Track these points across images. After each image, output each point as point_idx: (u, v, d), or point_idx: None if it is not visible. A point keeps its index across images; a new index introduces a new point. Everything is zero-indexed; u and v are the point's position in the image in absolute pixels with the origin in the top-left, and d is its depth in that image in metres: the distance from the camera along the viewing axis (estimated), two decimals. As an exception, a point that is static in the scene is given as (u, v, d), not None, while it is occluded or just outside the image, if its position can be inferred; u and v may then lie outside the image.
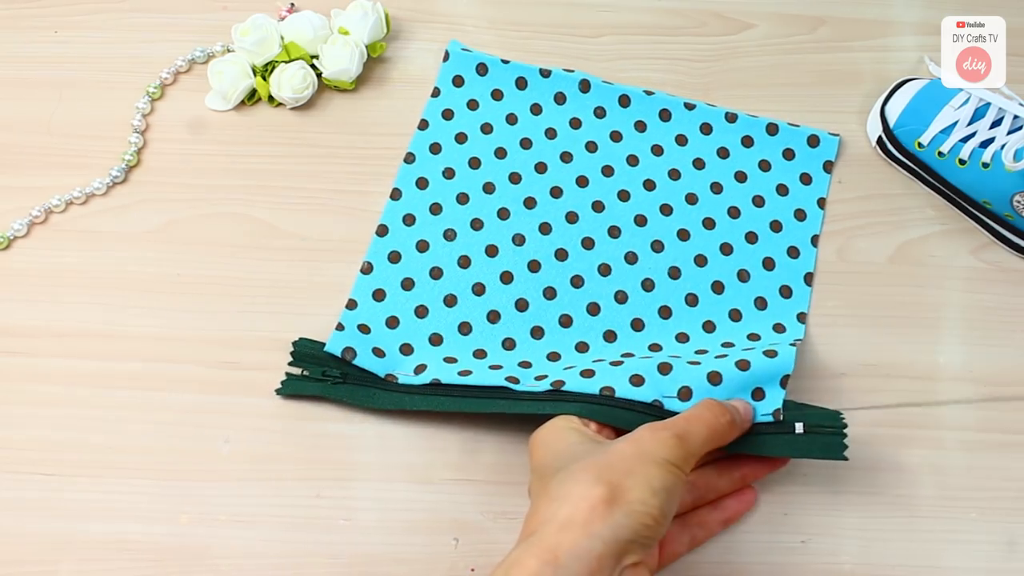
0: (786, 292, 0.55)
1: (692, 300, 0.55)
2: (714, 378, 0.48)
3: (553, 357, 0.53)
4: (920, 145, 0.57)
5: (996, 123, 0.55)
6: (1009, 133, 0.54)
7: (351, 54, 0.60)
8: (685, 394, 0.48)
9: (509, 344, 0.53)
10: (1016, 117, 0.55)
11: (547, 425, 0.45)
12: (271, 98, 0.60)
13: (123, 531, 0.48)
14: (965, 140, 0.56)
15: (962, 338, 0.55)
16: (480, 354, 0.52)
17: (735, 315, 0.54)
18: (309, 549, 0.48)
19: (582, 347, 0.53)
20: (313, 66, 0.61)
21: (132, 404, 0.51)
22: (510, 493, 0.49)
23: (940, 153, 0.57)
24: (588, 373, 0.49)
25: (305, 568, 0.48)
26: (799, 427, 0.47)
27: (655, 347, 0.53)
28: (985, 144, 0.55)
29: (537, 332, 0.53)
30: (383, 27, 0.62)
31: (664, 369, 0.49)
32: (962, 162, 0.56)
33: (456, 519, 0.49)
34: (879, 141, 0.60)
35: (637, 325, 0.54)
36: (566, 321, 0.54)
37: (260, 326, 0.53)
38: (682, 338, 0.54)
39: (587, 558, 0.36)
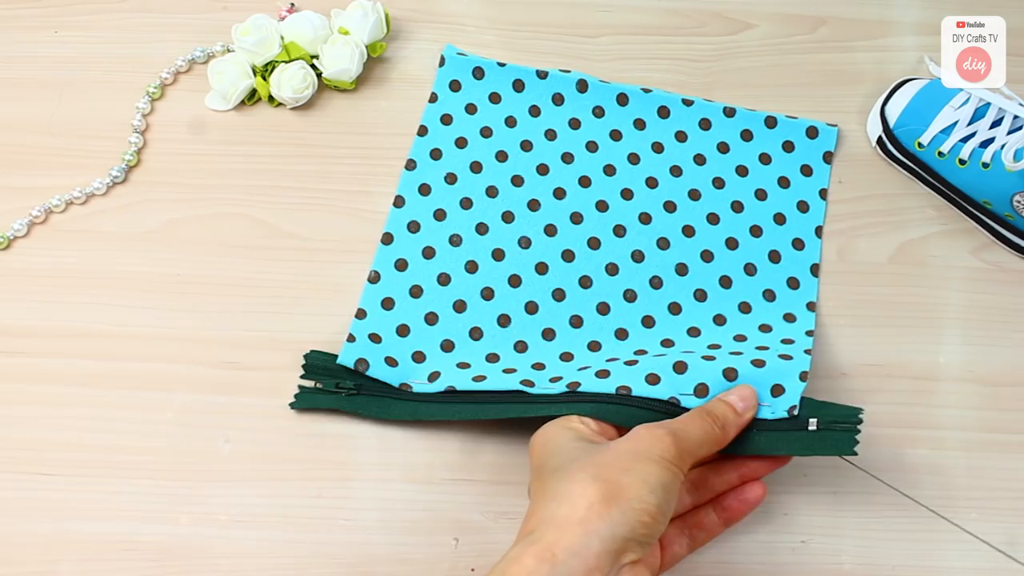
0: (794, 284, 0.55)
1: (701, 296, 0.55)
2: (730, 374, 0.48)
3: (566, 358, 0.52)
4: (920, 145, 0.57)
5: (996, 123, 0.55)
6: (1009, 133, 0.54)
7: (351, 54, 0.60)
8: (702, 391, 0.48)
9: (521, 347, 0.53)
10: (1016, 117, 0.55)
11: (546, 426, 0.45)
12: (271, 98, 0.60)
13: (123, 531, 0.48)
14: (965, 140, 0.56)
15: (962, 338, 0.55)
16: (493, 358, 0.52)
17: (744, 308, 0.54)
18: (309, 549, 0.48)
19: (594, 346, 0.53)
20: (313, 66, 0.61)
21: (132, 404, 0.51)
22: (510, 493, 0.49)
23: (940, 153, 0.57)
24: (603, 373, 0.49)
25: (305, 568, 0.48)
26: (812, 423, 0.46)
27: (667, 343, 0.53)
28: (985, 144, 0.55)
29: (548, 334, 0.53)
30: (383, 27, 0.62)
31: (679, 368, 0.49)
32: (962, 162, 0.56)
33: (456, 519, 0.49)
34: (879, 141, 0.60)
35: (648, 323, 0.54)
36: (576, 322, 0.54)
37: (260, 326, 0.53)
38: (693, 332, 0.53)
39: (584, 555, 0.36)
